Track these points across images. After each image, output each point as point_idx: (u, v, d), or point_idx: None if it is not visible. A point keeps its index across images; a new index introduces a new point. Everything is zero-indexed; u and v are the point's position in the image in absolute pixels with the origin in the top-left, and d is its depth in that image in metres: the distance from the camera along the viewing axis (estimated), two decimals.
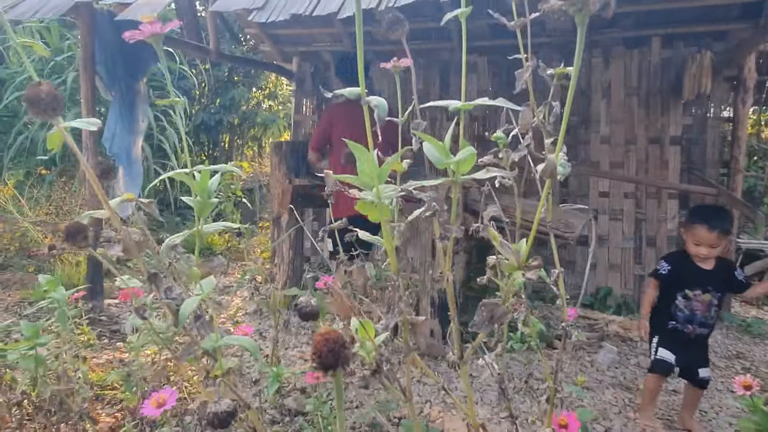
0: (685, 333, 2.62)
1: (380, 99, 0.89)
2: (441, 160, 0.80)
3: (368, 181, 0.86)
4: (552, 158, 0.89)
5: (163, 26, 0.81)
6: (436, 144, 0.81)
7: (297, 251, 4.32)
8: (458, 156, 0.78)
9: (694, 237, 2.49)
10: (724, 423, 2.91)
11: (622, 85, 5.03)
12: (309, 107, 6.09)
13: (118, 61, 4.09)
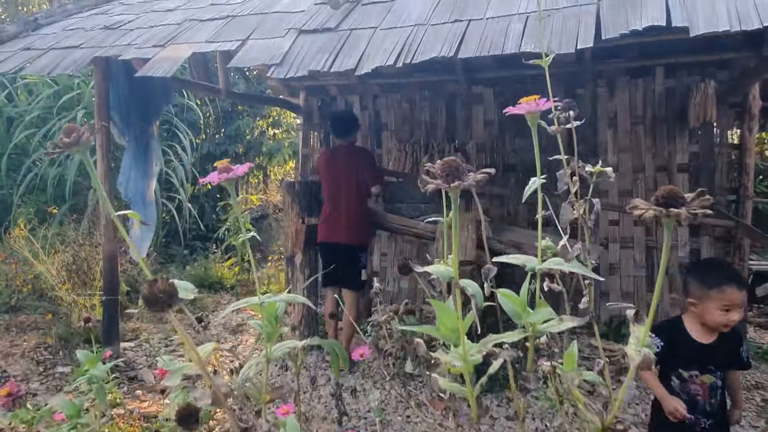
0: (688, 426, 2.01)
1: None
2: (518, 316, 0.81)
3: (449, 335, 0.87)
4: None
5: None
6: (514, 300, 0.83)
7: (311, 290, 4.33)
8: (536, 317, 0.80)
9: (723, 302, 1.96)
10: None
11: (628, 114, 5.07)
12: (317, 140, 6.14)
13: (131, 106, 4.15)
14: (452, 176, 0.67)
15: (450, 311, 0.88)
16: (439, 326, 0.88)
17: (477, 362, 0.80)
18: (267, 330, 0.96)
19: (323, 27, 2.85)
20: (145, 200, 4.27)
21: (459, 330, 0.85)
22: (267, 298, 0.96)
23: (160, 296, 0.68)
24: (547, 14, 2.30)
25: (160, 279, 0.68)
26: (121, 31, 3.46)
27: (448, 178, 0.67)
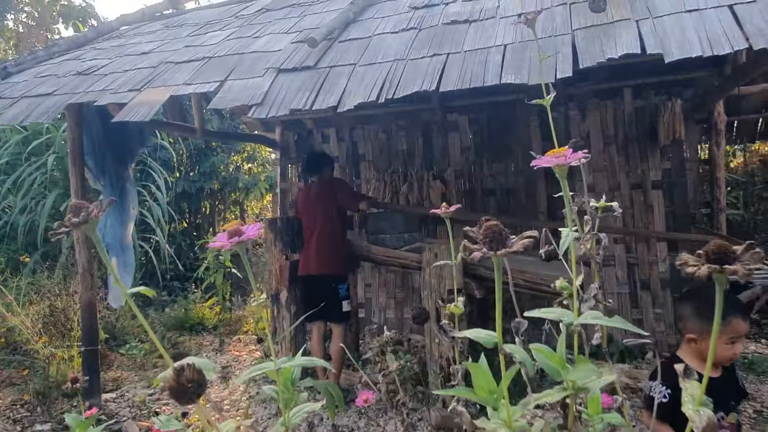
0: None
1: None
2: (557, 373, 0.79)
3: (488, 398, 0.84)
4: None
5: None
6: (551, 356, 0.81)
7: (298, 327, 4.25)
8: (577, 374, 0.78)
9: (729, 334, 1.79)
10: None
11: (600, 134, 5.19)
12: (294, 174, 6.12)
13: (106, 150, 4.08)
14: (496, 242, 0.65)
15: (485, 373, 0.85)
16: (476, 389, 0.85)
17: (523, 428, 0.77)
18: (284, 396, 0.92)
19: (302, 65, 2.86)
20: (123, 245, 4.17)
21: (497, 392, 0.82)
22: (283, 362, 0.92)
23: (188, 387, 0.63)
24: (523, 46, 2.35)
25: (188, 368, 0.64)
26: (94, 76, 3.42)
27: (492, 245, 0.65)
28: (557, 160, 0.80)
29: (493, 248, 0.64)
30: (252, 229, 0.80)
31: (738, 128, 5.45)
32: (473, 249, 0.65)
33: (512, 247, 0.64)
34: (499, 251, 0.64)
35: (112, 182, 4.15)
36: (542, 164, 0.81)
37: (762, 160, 8.19)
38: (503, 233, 0.65)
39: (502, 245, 0.64)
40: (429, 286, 3.80)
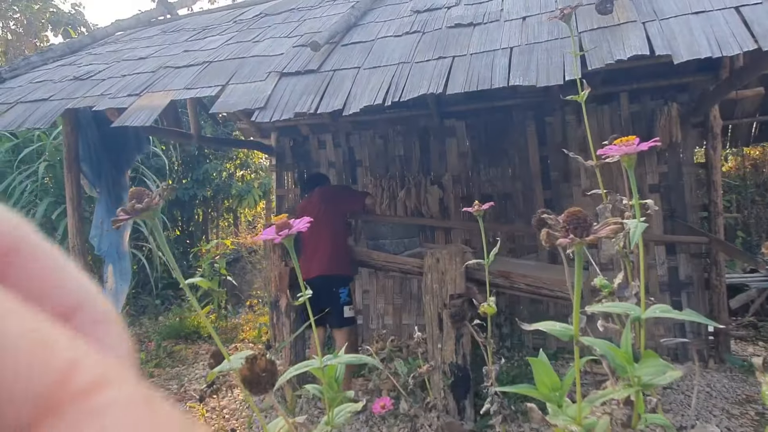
0: None
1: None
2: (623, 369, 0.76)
3: (550, 395, 0.82)
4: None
5: None
6: (617, 352, 0.79)
7: (298, 334, 4.20)
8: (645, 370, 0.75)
9: None
10: None
11: (598, 139, 5.18)
12: (291, 181, 6.08)
13: (102, 157, 4.03)
14: (581, 228, 0.62)
15: (548, 368, 0.83)
16: (538, 385, 0.82)
17: (593, 425, 0.74)
18: (329, 395, 0.88)
19: (305, 69, 2.83)
20: (120, 253, 4.11)
21: (561, 389, 0.80)
22: (329, 359, 0.89)
23: (262, 376, 0.61)
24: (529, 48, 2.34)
25: (260, 358, 0.61)
26: (92, 81, 3.37)
27: (576, 231, 0.62)
28: (627, 149, 0.77)
29: (578, 235, 0.61)
30: (302, 222, 0.77)
31: (733, 132, 5.49)
32: (557, 236, 0.62)
33: (599, 234, 0.61)
34: (587, 238, 0.61)
35: (108, 189, 4.09)
36: (611, 153, 0.79)
37: (754, 165, 8.28)
38: (587, 219, 0.62)
39: (587, 232, 0.61)
40: (431, 291, 3.78)
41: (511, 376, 4.04)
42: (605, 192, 1.22)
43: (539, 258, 5.27)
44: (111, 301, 1.08)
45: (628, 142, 0.77)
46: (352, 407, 0.89)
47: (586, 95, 1.10)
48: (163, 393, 2.00)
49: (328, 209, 4.07)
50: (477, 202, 1.25)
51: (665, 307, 0.81)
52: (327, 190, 4.20)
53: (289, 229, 0.76)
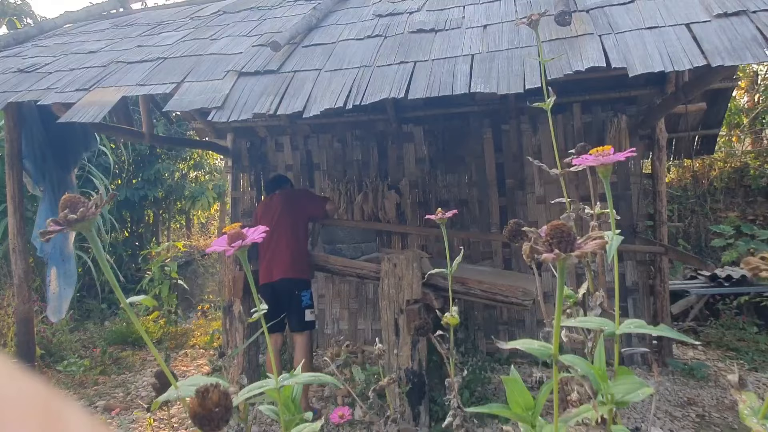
0: None
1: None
2: (598, 385, 0.76)
3: (523, 414, 0.80)
4: None
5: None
6: (592, 368, 0.78)
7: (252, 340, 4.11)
8: (620, 388, 0.75)
9: None
10: None
11: (551, 148, 5.33)
12: (247, 183, 5.97)
13: (47, 154, 3.84)
14: (565, 243, 0.61)
15: (521, 388, 0.82)
16: (511, 404, 0.81)
17: None
18: (285, 418, 0.84)
19: (265, 69, 2.78)
20: (65, 255, 3.92)
21: (534, 408, 0.79)
22: (287, 379, 0.85)
23: (215, 411, 0.55)
24: (491, 56, 2.38)
25: (213, 389, 0.55)
26: (37, 74, 3.21)
27: (560, 246, 0.61)
28: (603, 159, 0.77)
29: (562, 249, 0.60)
30: (256, 232, 0.74)
31: (676, 145, 5.74)
32: (541, 250, 0.61)
33: (584, 248, 0.60)
34: (572, 252, 0.60)
35: (53, 187, 3.90)
36: (586, 164, 0.79)
37: (694, 176, 8.67)
38: (571, 233, 0.61)
39: (571, 247, 0.60)
40: (387, 297, 3.77)
41: (466, 381, 4.07)
42: (569, 201, 1.24)
43: (494, 264, 5.36)
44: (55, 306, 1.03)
45: (605, 152, 0.78)
46: (310, 428, 0.86)
47: (551, 103, 1.12)
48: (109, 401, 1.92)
49: (288, 213, 4.02)
50: (440, 210, 1.25)
51: (639, 322, 0.82)
52: (288, 193, 4.15)
53: (242, 239, 0.73)
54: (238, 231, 0.73)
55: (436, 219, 1.24)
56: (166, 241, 9.50)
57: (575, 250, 0.60)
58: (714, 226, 6.57)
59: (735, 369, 2.66)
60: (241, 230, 0.73)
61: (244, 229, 0.75)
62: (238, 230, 0.73)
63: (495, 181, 5.47)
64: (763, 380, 4.72)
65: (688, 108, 4.79)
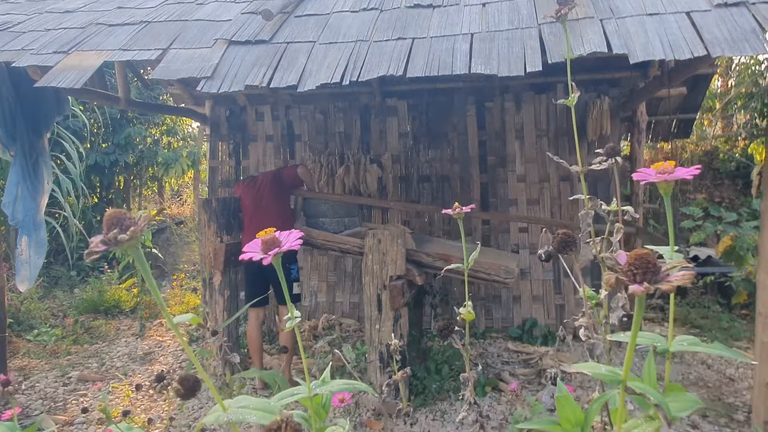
0: None
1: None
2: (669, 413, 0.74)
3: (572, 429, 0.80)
4: None
5: None
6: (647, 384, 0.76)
7: (231, 312, 4.08)
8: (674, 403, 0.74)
9: None
10: None
11: (534, 127, 5.36)
12: (225, 152, 5.84)
13: (18, 117, 3.66)
14: (651, 274, 0.58)
15: (572, 403, 0.81)
16: (561, 421, 0.81)
17: None
18: (317, 427, 0.82)
19: (256, 39, 2.68)
20: (36, 222, 3.78)
21: (584, 424, 0.79)
22: (319, 387, 0.83)
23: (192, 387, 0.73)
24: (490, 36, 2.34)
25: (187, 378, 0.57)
26: (10, 33, 3.03)
27: (647, 277, 0.57)
28: (663, 176, 0.75)
29: (650, 281, 0.57)
30: (292, 238, 0.70)
31: (655, 127, 5.83)
32: (626, 282, 0.58)
33: (672, 282, 0.57)
34: (663, 286, 0.57)
35: (24, 152, 3.73)
36: (649, 180, 0.77)
37: (666, 158, 8.86)
38: (656, 264, 0.58)
39: (656, 278, 0.58)
40: (371, 272, 3.77)
41: (445, 356, 4.14)
42: (588, 197, 1.24)
43: (473, 240, 5.40)
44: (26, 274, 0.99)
45: (669, 168, 0.76)
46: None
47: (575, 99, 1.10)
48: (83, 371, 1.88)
49: (270, 186, 4.01)
50: (457, 204, 1.24)
51: (693, 339, 0.82)
52: (268, 171, 4.17)
53: (279, 246, 0.69)
54: (273, 237, 0.70)
55: (453, 214, 1.23)
56: (137, 207, 9.28)
57: (661, 281, 0.57)
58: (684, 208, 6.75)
59: None
60: (275, 236, 0.70)
61: (280, 234, 0.71)
62: (273, 236, 0.70)
63: (477, 158, 5.48)
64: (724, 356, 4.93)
65: (663, 93, 4.85)
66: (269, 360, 4.28)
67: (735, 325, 5.62)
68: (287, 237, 0.70)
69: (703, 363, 4.69)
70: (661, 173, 0.75)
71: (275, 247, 0.68)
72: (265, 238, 0.69)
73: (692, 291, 6.47)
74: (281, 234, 0.71)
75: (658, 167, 0.77)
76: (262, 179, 4.06)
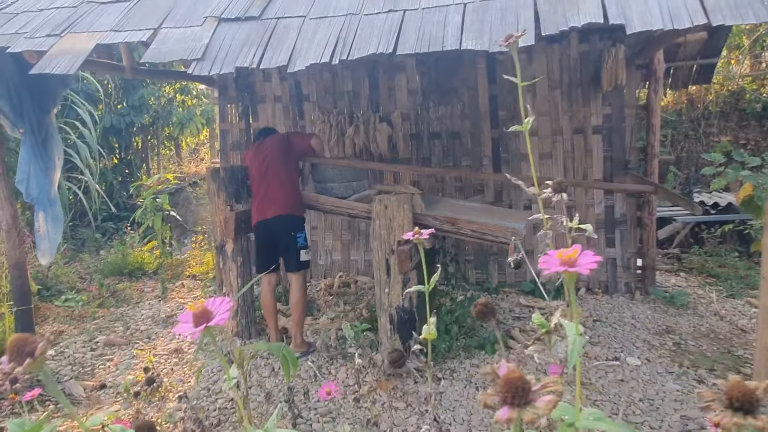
0: None
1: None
2: None
3: None
4: None
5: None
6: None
7: (245, 279, 4.20)
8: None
9: None
10: (669, 409, 3.18)
11: (546, 78, 5.20)
12: (234, 114, 5.83)
13: (23, 94, 3.70)
14: (519, 397, 0.58)
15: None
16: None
17: None
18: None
19: (246, 15, 2.63)
20: (50, 198, 3.88)
21: None
22: None
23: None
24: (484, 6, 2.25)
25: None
26: (4, 15, 3.02)
27: (514, 400, 0.58)
28: (569, 268, 0.72)
29: (515, 404, 0.58)
30: (222, 309, 0.72)
31: (674, 74, 5.60)
32: (494, 407, 0.59)
33: (537, 403, 0.58)
34: (523, 407, 0.58)
35: (33, 128, 3.79)
36: (552, 270, 0.75)
37: (690, 99, 8.54)
38: (526, 387, 0.59)
39: (525, 400, 0.58)
40: (379, 238, 3.81)
41: (455, 316, 4.22)
42: (546, 217, 1.23)
43: (485, 197, 5.38)
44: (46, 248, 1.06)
45: (571, 259, 0.74)
46: None
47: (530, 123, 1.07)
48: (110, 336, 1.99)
49: (279, 152, 4.01)
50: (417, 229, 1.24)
51: (597, 413, 0.82)
52: (275, 136, 4.14)
53: (209, 319, 0.71)
54: (205, 309, 0.72)
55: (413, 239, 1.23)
56: (155, 167, 9.41)
57: (529, 404, 0.58)
58: (706, 154, 6.56)
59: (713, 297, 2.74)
60: (207, 309, 0.72)
61: (209, 302, 0.73)
62: (204, 308, 0.72)
63: (488, 113, 5.38)
64: (738, 307, 4.92)
65: (687, 38, 4.63)
66: (285, 321, 4.41)
67: (752, 274, 5.57)
68: (218, 307, 0.73)
69: (716, 314, 4.69)
70: (564, 263, 0.74)
71: (206, 321, 0.71)
72: (196, 311, 0.72)
73: (710, 240, 6.39)
74: (213, 303, 0.74)
75: (561, 256, 0.75)
76: (269, 146, 4.05)
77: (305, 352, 3.99)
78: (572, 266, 0.72)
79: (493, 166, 5.40)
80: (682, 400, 3.28)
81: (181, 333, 0.71)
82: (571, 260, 0.73)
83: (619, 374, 3.62)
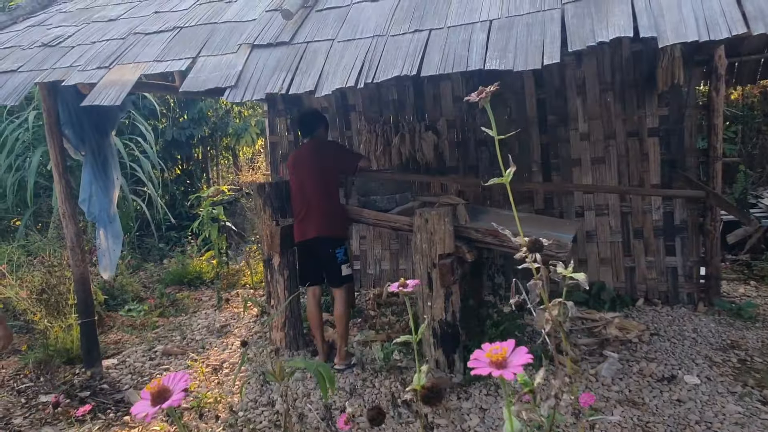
0: None
1: None
2: None
3: None
4: None
5: None
6: None
7: (292, 291, 4.29)
8: None
9: None
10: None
11: (597, 80, 5.01)
12: (283, 127, 5.97)
13: (84, 120, 3.95)
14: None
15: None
16: None
17: None
18: None
19: (277, 40, 2.68)
20: (110, 216, 4.12)
21: None
22: None
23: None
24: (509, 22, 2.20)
25: None
26: (61, 49, 3.23)
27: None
28: (493, 369, 0.69)
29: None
30: (179, 387, 0.74)
31: (738, 70, 5.25)
32: None
33: None
34: None
35: (93, 151, 4.03)
36: (479, 372, 0.72)
37: (762, 92, 7.98)
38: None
39: None
40: (420, 251, 3.79)
41: (500, 330, 4.13)
42: (536, 266, 1.19)
43: (534, 206, 5.25)
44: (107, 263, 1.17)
45: (501, 359, 0.70)
46: None
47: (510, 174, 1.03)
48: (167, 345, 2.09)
49: (319, 169, 3.96)
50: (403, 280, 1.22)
51: None
52: (319, 146, 4.07)
53: (167, 398, 0.73)
54: (162, 388, 0.74)
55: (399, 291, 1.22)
56: (215, 176, 9.78)
57: None
58: None
59: None
60: (165, 388, 0.74)
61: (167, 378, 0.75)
62: (162, 387, 0.74)
63: (536, 118, 5.23)
64: None
65: None
66: (331, 333, 4.47)
67: None
68: (176, 385, 0.75)
69: None
70: (493, 364, 0.71)
71: (163, 400, 0.73)
72: (153, 390, 0.74)
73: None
74: (171, 379, 0.76)
75: (490, 355, 0.72)
76: (309, 161, 4.00)
77: (349, 365, 4.03)
78: (501, 368, 0.69)
79: (542, 173, 5.25)
80: (743, 423, 3.06)
81: (137, 414, 0.74)
82: (500, 361, 0.70)
83: (675, 394, 3.43)
